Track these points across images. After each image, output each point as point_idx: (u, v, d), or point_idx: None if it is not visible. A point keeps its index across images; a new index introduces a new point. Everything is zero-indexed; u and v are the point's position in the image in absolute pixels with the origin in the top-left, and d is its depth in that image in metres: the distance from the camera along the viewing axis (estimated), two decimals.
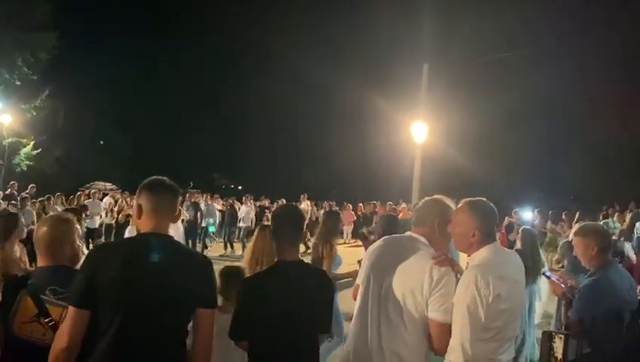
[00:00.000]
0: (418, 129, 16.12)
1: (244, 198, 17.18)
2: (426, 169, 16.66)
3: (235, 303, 2.45)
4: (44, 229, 2.48)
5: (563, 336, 2.81)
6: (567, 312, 3.35)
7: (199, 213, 13.43)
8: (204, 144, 38.62)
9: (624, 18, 23.26)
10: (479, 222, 2.34)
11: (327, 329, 2.54)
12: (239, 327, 2.40)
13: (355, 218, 18.47)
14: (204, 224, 14.24)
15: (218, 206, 16.84)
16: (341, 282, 4.81)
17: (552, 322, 5.43)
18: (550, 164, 30.86)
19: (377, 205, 18.85)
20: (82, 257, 2.51)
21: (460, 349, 2.15)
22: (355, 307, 2.55)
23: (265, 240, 3.37)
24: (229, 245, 14.50)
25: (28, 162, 24.06)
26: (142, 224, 2.21)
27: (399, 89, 20.77)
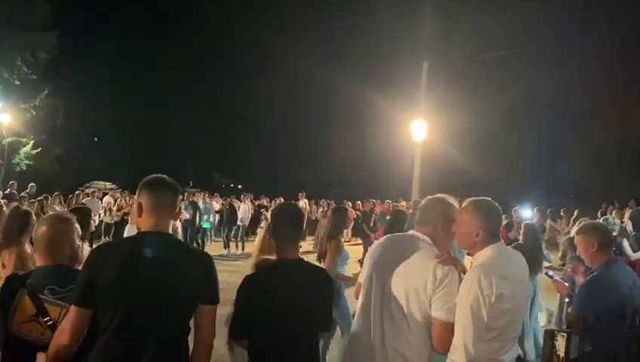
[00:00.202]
0: (418, 128, 16.09)
1: (242, 197, 17.18)
2: (426, 168, 16.62)
3: (236, 302, 2.44)
4: (43, 228, 2.46)
5: (565, 334, 2.80)
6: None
7: (198, 213, 13.42)
8: (204, 144, 38.67)
9: (624, 18, 23.26)
10: (483, 222, 2.33)
11: (326, 327, 2.54)
12: (239, 326, 2.40)
13: (355, 216, 18.43)
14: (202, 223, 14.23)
15: (217, 205, 16.82)
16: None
17: (553, 320, 5.43)
18: (550, 163, 30.90)
19: (376, 203, 18.80)
20: (83, 257, 2.51)
21: (463, 349, 2.14)
22: (357, 305, 2.55)
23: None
24: (229, 244, 14.48)
25: (28, 161, 24.04)
26: (142, 222, 2.22)
27: (399, 88, 20.74)
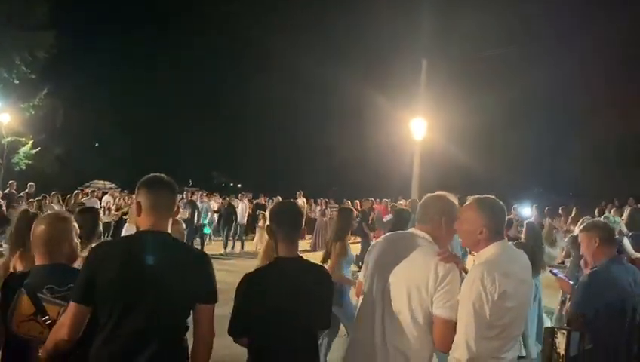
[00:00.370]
0: (417, 126, 16.07)
1: (239, 196, 17.16)
2: (426, 166, 16.58)
3: (235, 300, 2.44)
4: (41, 228, 2.46)
5: (565, 332, 2.80)
6: None
7: (196, 212, 13.41)
8: (203, 143, 38.69)
9: (624, 17, 23.23)
10: (487, 220, 2.32)
11: (325, 325, 2.54)
12: (238, 324, 2.39)
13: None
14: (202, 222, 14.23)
15: (216, 204, 16.81)
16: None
17: (553, 318, 5.43)
18: (550, 161, 30.87)
19: (375, 202, 18.79)
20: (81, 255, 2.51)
21: (465, 346, 2.13)
22: (359, 304, 2.54)
23: None
24: (228, 244, 14.48)
25: (27, 161, 24.04)
26: (141, 221, 2.23)
27: (398, 86, 20.68)
